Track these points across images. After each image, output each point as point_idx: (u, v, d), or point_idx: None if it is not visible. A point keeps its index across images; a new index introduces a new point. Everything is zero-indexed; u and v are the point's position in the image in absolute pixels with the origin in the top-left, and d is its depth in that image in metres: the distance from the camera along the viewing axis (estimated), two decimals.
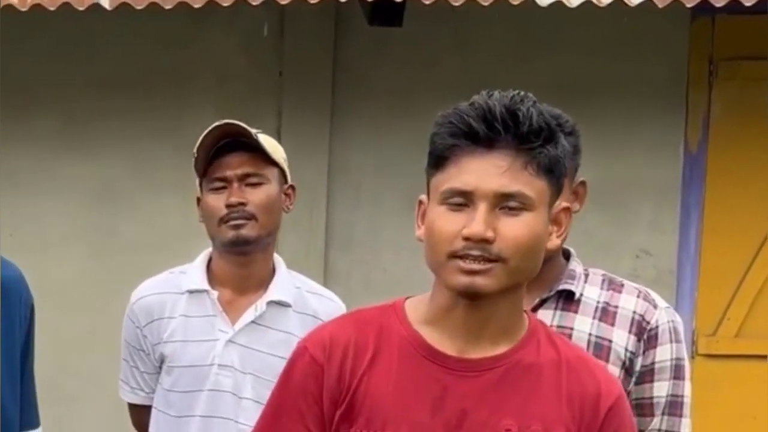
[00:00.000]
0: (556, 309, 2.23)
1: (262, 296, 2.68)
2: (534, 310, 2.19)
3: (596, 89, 4.80)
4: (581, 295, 2.24)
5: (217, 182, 2.64)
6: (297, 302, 2.71)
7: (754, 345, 4.89)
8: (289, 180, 2.74)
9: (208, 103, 4.83)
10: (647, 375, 2.23)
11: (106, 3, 4.20)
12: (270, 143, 2.69)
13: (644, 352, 2.22)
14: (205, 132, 2.64)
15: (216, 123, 2.64)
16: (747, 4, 4.08)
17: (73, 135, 4.93)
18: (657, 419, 2.24)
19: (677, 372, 2.24)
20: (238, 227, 2.62)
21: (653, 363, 2.22)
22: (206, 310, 2.69)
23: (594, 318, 2.23)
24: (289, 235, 4.59)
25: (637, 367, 2.22)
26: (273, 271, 2.73)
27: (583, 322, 2.22)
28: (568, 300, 2.24)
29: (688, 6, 4.17)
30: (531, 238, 1.67)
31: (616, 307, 2.24)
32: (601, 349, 2.20)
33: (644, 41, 4.81)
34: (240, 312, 2.68)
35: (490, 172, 1.66)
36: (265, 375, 2.59)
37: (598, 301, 2.24)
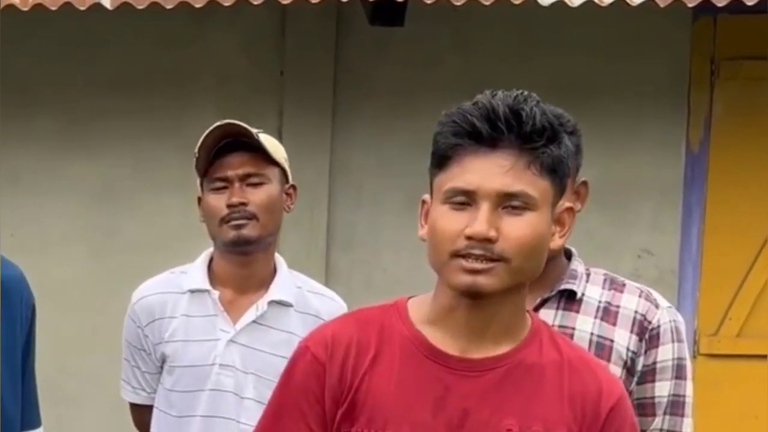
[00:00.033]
0: (557, 309, 2.23)
1: (264, 296, 2.68)
2: (536, 309, 2.18)
3: (598, 89, 4.80)
4: (583, 294, 2.24)
5: (218, 182, 2.64)
6: (298, 302, 2.70)
7: (756, 345, 4.89)
8: (290, 180, 2.74)
9: (209, 103, 4.82)
10: (649, 375, 2.22)
11: (107, 3, 4.19)
12: (271, 143, 2.68)
13: (646, 352, 2.21)
14: (206, 132, 2.63)
15: (217, 123, 2.63)
16: (749, 3, 4.07)
17: (73, 135, 4.93)
18: (659, 419, 2.24)
19: (679, 372, 2.24)
20: (239, 227, 2.61)
21: (655, 363, 2.22)
22: (207, 309, 2.68)
23: (596, 318, 2.22)
24: (290, 235, 4.58)
25: (639, 366, 2.21)
26: (274, 271, 2.73)
27: (585, 321, 2.22)
28: (569, 300, 2.23)
29: (690, 6, 4.17)
30: (534, 237, 1.67)
31: (618, 306, 2.23)
32: (602, 348, 2.19)
33: (646, 41, 4.80)
34: (241, 312, 2.67)
35: (493, 171, 1.66)
36: (266, 375, 2.59)
37: (600, 301, 2.24)
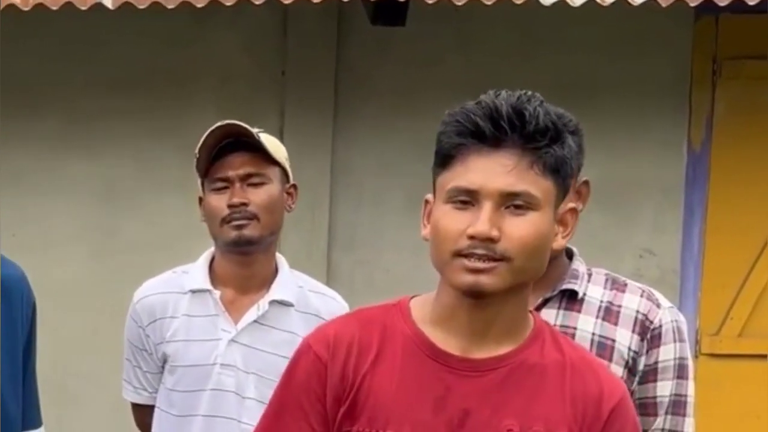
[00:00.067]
0: (559, 308, 2.23)
1: (265, 296, 2.68)
2: (537, 309, 2.18)
3: (599, 88, 4.80)
4: (584, 294, 2.23)
5: (219, 182, 2.63)
6: (299, 301, 2.70)
7: (758, 344, 4.89)
8: (291, 179, 2.74)
9: (211, 103, 4.82)
10: (650, 374, 2.22)
11: (108, 2, 4.19)
12: (272, 142, 2.68)
13: (647, 352, 2.21)
14: (207, 132, 2.63)
15: (218, 123, 2.64)
16: (751, 3, 4.07)
17: (75, 135, 4.92)
18: (660, 419, 2.23)
19: (680, 371, 2.23)
20: (240, 227, 2.61)
21: (656, 362, 2.21)
22: (209, 309, 2.68)
23: (597, 317, 2.22)
24: (291, 235, 4.58)
25: (641, 366, 2.21)
26: (275, 271, 2.73)
27: (587, 321, 2.22)
28: (571, 299, 2.23)
29: (692, 5, 4.17)
30: (536, 237, 1.67)
31: (620, 306, 2.23)
32: (604, 348, 2.19)
33: (648, 40, 4.80)
34: (242, 311, 2.67)
35: (496, 171, 1.66)
36: (268, 374, 2.59)
37: (602, 301, 2.24)
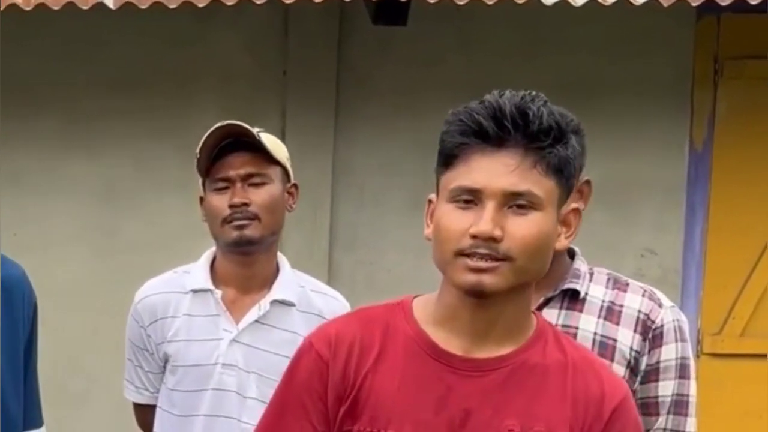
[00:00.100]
0: (561, 308, 2.22)
1: (266, 295, 2.68)
2: (539, 309, 2.17)
3: (601, 88, 4.80)
4: (586, 294, 2.23)
5: (220, 182, 2.63)
6: (301, 301, 2.70)
7: (760, 344, 4.88)
8: (292, 178, 2.74)
9: (212, 103, 4.82)
10: (652, 374, 2.22)
11: (110, 2, 4.18)
12: (272, 142, 2.68)
13: (649, 351, 2.21)
14: (207, 132, 2.63)
15: (219, 123, 2.64)
16: (752, 2, 4.07)
17: (75, 134, 4.92)
18: (662, 418, 2.23)
19: (682, 371, 2.23)
20: (241, 227, 2.61)
21: (658, 362, 2.21)
22: (210, 309, 2.68)
23: (599, 317, 2.22)
24: (293, 235, 4.58)
25: (642, 366, 2.21)
26: (277, 271, 2.73)
27: (588, 321, 2.21)
28: (573, 299, 2.23)
29: (694, 5, 4.16)
30: (539, 237, 1.67)
31: (621, 306, 2.23)
32: (606, 348, 2.19)
33: (649, 40, 4.80)
34: (244, 311, 2.67)
35: (499, 170, 1.66)
36: (269, 374, 2.58)
37: (603, 300, 2.23)
